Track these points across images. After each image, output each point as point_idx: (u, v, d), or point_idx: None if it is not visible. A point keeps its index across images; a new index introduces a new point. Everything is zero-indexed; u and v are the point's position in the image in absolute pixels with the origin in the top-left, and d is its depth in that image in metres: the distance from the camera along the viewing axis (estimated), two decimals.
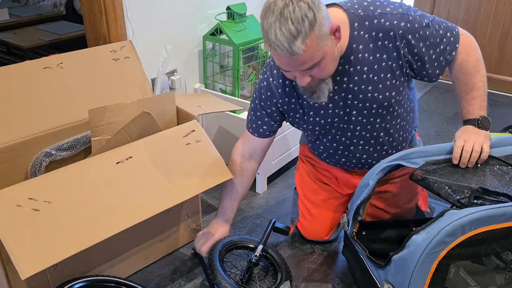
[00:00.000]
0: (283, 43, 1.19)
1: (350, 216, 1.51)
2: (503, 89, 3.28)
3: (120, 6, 1.92)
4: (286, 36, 1.18)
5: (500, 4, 3.11)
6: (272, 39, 1.20)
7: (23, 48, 3.47)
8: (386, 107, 1.47)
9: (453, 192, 1.26)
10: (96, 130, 1.53)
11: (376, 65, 1.40)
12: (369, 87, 1.43)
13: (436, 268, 1.18)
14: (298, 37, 1.18)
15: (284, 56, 1.23)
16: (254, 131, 1.63)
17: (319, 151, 1.70)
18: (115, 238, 1.35)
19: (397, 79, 1.43)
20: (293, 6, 1.18)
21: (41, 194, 1.29)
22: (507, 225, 1.14)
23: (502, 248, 1.19)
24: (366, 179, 1.49)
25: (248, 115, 1.64)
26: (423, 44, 1.38)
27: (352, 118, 1.50)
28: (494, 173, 1.30)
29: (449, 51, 1.41)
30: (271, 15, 1.20)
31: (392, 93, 1.45)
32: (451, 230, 1.14)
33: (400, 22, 1.35)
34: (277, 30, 1.18)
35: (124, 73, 1.77)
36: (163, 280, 1.68)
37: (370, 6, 1.37)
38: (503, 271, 1.21)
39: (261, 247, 1.63)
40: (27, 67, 1.58)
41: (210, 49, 2.34)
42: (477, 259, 1.21)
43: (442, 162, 1.36)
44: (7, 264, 1.35)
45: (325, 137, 1.60)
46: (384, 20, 1.35)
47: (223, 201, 1.70)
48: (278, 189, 2.23)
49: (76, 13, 4.41)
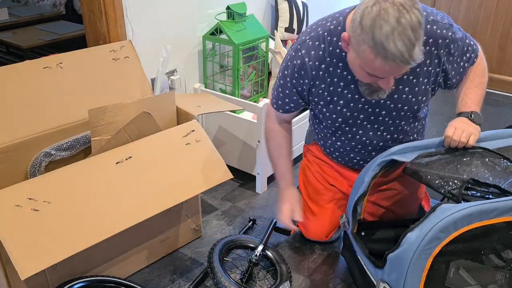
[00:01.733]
0: (404, 54, 1.14)
1: (349, 215, 1.51)
2: (503, 89, 3.28)
3: (120, 6, 1.91)
4: (407, 46, 1.14)
5: (500, 4, 3.11)
6: (390, 50, 1.14)
7: (22, 48, 3.46)
8: (414, 111, 1.51)
9: (445, 184, 1.28)
10: (96, 130, 1.53)
11: (418, 69, 1.43)
12: (406, 88, 1.45)
13: (431, 264, 1.18)
14: (416, 44, 1.15)
15: (398, 66, 1.19)
16: (279, 107, 1.61)
17: (331, 149, 1.69)
18: (115, 238, 1.35)
19: (430, 85, 1.48)
20: (410, 14, 1.14)
21: (40, 194, 1.29)
22: (499, 220, 1.16)
23: (498, 244, 1.20)
24: (362, 175, 1.50)
25: (275, 92, 1.60)
26: (457, 54, 1.45)
27: (379, 117, 1.51)
28: (486, 165, 1.33)
29: (473, 58, 1.50)
30: (385, 25, 1.13)
31: (423, 98, 1.49)
32: (443, 225, 1.15)
33: (448, 32, 1.40)
34: (396, 41, 1.13)
35: (124, 73, 1.77)
36: (163, 280, 1.67)
37: (423, 12, 1.38)
38: (503, 270, 1.21)
39: (262, 247, 1.63)
40: (26, 67, 1.58)
41: (210, 49, 2.33)
42: (475, 256, 1.21)
43: (435, 154, 1.39)
44: (7, 264, 1.34)
45: (344, 133, 1.59)
46: (436, 28, 1.39)
47: (278, 167, 1.69)
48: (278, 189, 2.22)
49: (76, 13, 4.41)
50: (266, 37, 2.36)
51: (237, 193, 2.19)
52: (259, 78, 2.43)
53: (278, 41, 2.43)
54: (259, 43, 2.34)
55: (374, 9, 1.15)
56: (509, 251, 1.21)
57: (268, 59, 2.45)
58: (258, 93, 2.47)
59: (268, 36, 2.37)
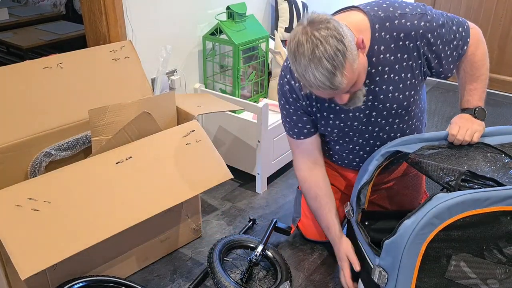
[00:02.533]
0: (324, 82, 1.19)
1: (353, 203, 1.52)
2: (503, 89, 3.28)
3: (120, 6, 1.91)
4: (325, 75, 1.18)
5: (500, 4, 3.11)
6: (311, 81, 1.20)
7: (22, 48, 3.46)
8: (405, 107, 1.49)
9: (444, 175, 1.29)
10: (96, 130, 1.53)
11: (397, 65, 1.41)
12: (390, 87, 1.44)
13: (427, 251, 1.19)
14: (336, 72, 1.18)
15: (325, 91, 1.23)
16: (299, 135, 1.58)
17: (330, 153, 1.69)
18: (115, 238, 1.35)
19: (416, 78, 1.45)
20: (323, 45, 1.16)
21: (41, 194, 1.29)
22: (493, 209, 1.17)
23: (494, 235, 1.21)
24: (366, 165, 1.51)
25: (286, 124, 1.60)
26: (440, 42, 1.41)
27: (372, 119, 1.51)
28: (487, 159, 1.35)
29: (461, 45, 1.46)
30: (302, 58, 1.18)
31: (411, 92, 1.47)
32: (437, 212, 1.16)
33: (420, 22, 1.38)
34: (314, 72, 1.18)
35: (124, 73, 1.77)
36: (163, 280, 1.68)
37: (389, 8, 1.38)
38: (503, 265, 1.22)
39: (262, 247, 1.64)
40: (26, 67, 1.58)
41: (210, 49, 2.33)
42: (473, 248, 1.21)
43: (438, 147, 1.41)
44: (7, 264, 1.34)
45: (342, 139, 1.59)
46: (405, 21, 1.37)
47: (321, 220, 1.62)
48: (278, 189, 2.23)
49: (76, 13, 4.41)
50: (266, 37, 2.36)
51: (237, 193, 2.19)
52: (259, 78, 2.44)
53: (278, 41, 2.43)
54: (259, 43, 2.35)
55: (293, 43, 1.21)
56: (507, 244, 1.22)
57: (268, 59, 2.45)
58: (258, 93, 2.47)
59: (268, 36, 2.37)
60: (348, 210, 1.56)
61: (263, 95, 2.49)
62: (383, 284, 1.29)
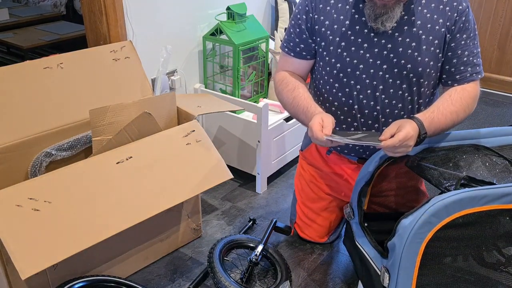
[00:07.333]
0: None
1: (354, 205, 1.52)
2: (503, 89, 3.28)
3: (120, 6, 1.92)
4: None
5: (500, 4, 3.11)
6: None
7: (23, 48, 3.47)
8: (418, 75, 1.42)
9: (443, 179, 1.29)
10: (97, 130, 1.53)
11: (430, 25, 1.38)
12: (412, 43, 1.39)
13: (426, 250, 1.20)
14: None
15: None
16: (291, 50, 1.56)
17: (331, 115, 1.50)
18: (115, 238, 1.35)
19: (440, 49, 1.41)
20: None
21: (41, 194, 1.29)
22: (491, 207, 1.17)
23: (492, 235, 1.21)
24: (366, 167, 1.51)
25: (286, 35, 1.58)
26: (464, 44, 1.40)
27: (380, 72, 1.43)
28: (486, 163, 1.35)
29: (472, 71, 1.43)
30: None
31: (430, 62, 1.41)
32: (435, 210, 1.16)
33: (467, 3, 1.38)
34: None
35: (124, 73, 1.77)
36: (163, 280, 1.68)
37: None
38: (502, 264, 1.22)
39: (262, 246, 1.64)
40: (27, 67, 1.58)
41: (210, 49, 2.34)
42: (472, 248, 1.21)
43: (439, 150, 1.40)
44: (7, 264, 1.35)
45: (342, 86, 1.50)
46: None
47: (299, 106, 1.48)
48: (278, 189, 2.23)
49: (76, 13, 4.42)
50: (266, 38, 2.36)
51: (237, 193, 2.19)
52: (259, 79, 2.44)
53: (278, 42, 2.43)
54: (259, 43, 2.35)
55: None
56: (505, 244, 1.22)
57: (268, 59, 2.45)
58: (258, 93, 2.47)
59: (268, 37, 2.38)
60: (348, 212, 1.56)
61: (263, 95, 2.49)
62: (386, 285, 1.29)
